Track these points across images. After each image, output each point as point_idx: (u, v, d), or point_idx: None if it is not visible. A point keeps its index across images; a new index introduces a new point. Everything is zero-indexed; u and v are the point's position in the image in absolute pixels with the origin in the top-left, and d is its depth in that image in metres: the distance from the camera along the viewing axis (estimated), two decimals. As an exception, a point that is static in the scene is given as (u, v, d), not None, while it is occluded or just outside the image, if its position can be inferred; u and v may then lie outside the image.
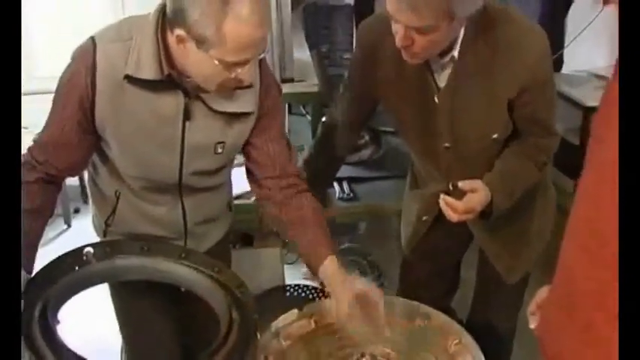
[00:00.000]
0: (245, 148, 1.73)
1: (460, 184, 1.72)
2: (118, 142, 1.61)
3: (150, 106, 1.56)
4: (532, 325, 1.31)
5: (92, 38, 1.55)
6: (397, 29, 1.58)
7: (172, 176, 1.67)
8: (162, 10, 1.50)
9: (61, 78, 1.58)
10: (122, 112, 1.56)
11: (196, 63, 1.46)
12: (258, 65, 1.61)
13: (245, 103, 1.62)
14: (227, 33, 1.38)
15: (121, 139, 1.60)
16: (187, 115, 1.59)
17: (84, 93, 1.54)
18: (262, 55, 1.53)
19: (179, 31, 1.43)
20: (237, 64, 1.45)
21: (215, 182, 1.78)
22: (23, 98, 3.98)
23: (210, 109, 1.60)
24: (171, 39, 1.47)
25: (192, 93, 1.58)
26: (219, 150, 1.66)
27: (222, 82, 1.49)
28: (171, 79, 1.53)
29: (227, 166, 1.78)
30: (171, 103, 1.57)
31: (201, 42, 1.41)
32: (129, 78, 1.52)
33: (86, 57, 1.53)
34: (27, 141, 1.65)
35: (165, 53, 1.50)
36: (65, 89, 1.57)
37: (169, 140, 1.61)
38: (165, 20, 1.49)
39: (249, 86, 1.60)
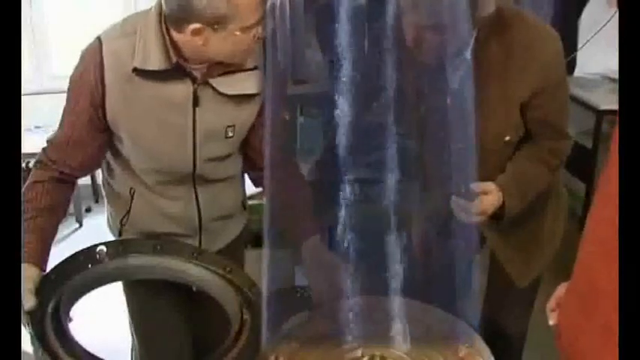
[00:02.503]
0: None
1: (472, 185, 1.72)
2: (130, 136, 1.63)
3: (159, 96, 1.58)
4: (551, 322, 1.30)
5: (98, 37, 1.59)
6: (409, 28, 1.58)
7: (186, 165, 1.68)
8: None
9: (71, 78, 1.61)
10: (133, 105, 1.58)
11: (219, 45, 1.49)
12: (263, 47, 1.65)
13: (251, 84, 1.65)
14: (238, 1, 1.43)
15: (133, 133, 1.62)
16: (196, 102, 1.61)
17: (94, 90, 1.56)
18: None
19: (194, 25, 1.45)
20: (255, 24, 1.49)
21: (227, 173, 1.79)
22: (38, 97, 4.03)
23: (219, 93, 1.62)
24: (184, 37, 1.49)
25: (201, 79, 1.60)
26: (230, 134, 1.68)
27: (248, 46, 1.53)
28: (178, 68, 1.56)
29: (236, 154, 1.80)
30: (180, 90, 1.59)
31: (218, 23, 1.44)
32: (137, 71, 1.54)
33: (93, 55, 1.56)
34: (42, 140, 1.67)
35: (171, 42, 1.53)
36: (75, 88, 1.60)
37: (181, 128, 1.63)
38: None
39: (255, 68, 1.63)
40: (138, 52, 1.53)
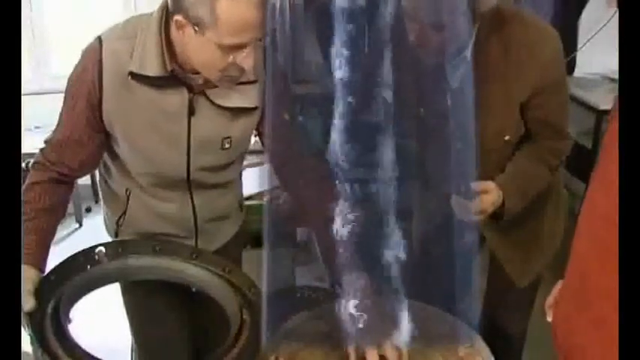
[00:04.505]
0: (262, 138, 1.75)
1: (472, 184, 1.72)
2: (125, 139, 1.63)
3: (155, 103, 1.58)
4: (549, 319, 1.30)
5: (99, 37, 1.58)
6: (413, 27, 1.58)
7: (180, 172, 1.68)
8: (165, 7, 1.52)
9: (70, 77, 1.61)
10: (128, 109, 1.58)
11: (195, 48, 1.47)
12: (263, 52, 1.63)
13: (250, 98, 1.64)
14: (220, 13, 1.39)
15: (128, 136, 1.62)
16: (192, 111, 1.60)
17: (91, 90, 1.56)
18: (261, 43, 1.52)
19: (178, 17, 1.44)
20: (234, 48, 1.45)
21: (224, 179, 1.79)
22: (38, 97, 4.03)
23: (215, 104, 1.61)
24: (173, 27, 1.49)
25: (197, 89, 1.59)
26: (227, 145, 1.67)
27: (223, 69, 1.49)
28: (175, 76, 1.55)
29: (236, 162, 1.79)
30: (176, 99, 1.58)
31: (197, 25, 1.42)
32: (133, 75, 1.54)
33: (93, 55, 1.56)
34: (42, 140, 1.67)
35: (168, 49, 1.52)
36: (74, 87, 1.60)
37: (175, 136, 1.62)
38: (168, 15, 1.51)
39: (254, 81, 1.61)
40: (136, 56, 1.53)
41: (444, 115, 1.77)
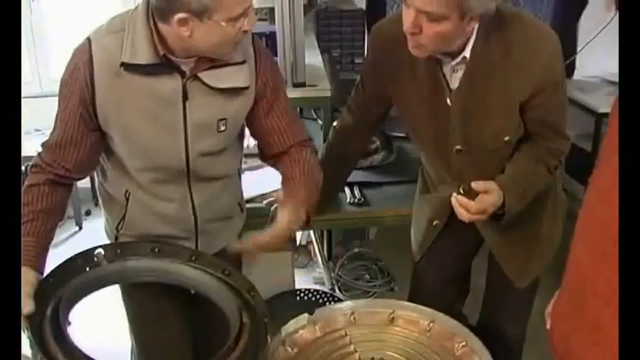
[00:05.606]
0: (255, 129, 1.78)
1: (474, 184, 1.72)
2: (121, 133, 1.63)
3: (149, 91, 1.59)
4: (549, 326, 1.30)
5: (87, 37, 1.61)
6: (408, 14, 1.58)
7: (179, 159, 1.69)
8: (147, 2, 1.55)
9: (62, 78, 1.63)
10: (123, 101, 1.59)
11: (206, 36, 1.50)
12: (252, 42, 1.68)
13: (241, 78, 1.66)
14: None
15: (124, 129, 1.63)
16: (186, 95, 1.62)
17: (84, 87, 1.58)
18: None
19: (180, 15, 1.46)
20: (242, 15, 1.50)
21: (223, 170, 1.80)
22: (38, 100, 4.01)
23: (208, 86, 1.63)
24: (170, 28, 1.50)
25: (189, 73, 1.61)
26: (222, 127, 1.69)
27: (238, 37, 1.54)
28: (167, 62, 1.57)
29: (232, 154, 1.80)
30: (169, 84, 1.60)
31: (203, 12, 1.45)
32: (125, 65, 1.55)
33: (83, 53, 1.58)
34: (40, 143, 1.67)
35: (158, 36, 1.54)
36: (66, 87, 1.61)
37: (172, 122, 1.64)
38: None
39: (243, 62, 1.65)
40: (126, 47, 1.55)
41: (443, 115, 1.77)
